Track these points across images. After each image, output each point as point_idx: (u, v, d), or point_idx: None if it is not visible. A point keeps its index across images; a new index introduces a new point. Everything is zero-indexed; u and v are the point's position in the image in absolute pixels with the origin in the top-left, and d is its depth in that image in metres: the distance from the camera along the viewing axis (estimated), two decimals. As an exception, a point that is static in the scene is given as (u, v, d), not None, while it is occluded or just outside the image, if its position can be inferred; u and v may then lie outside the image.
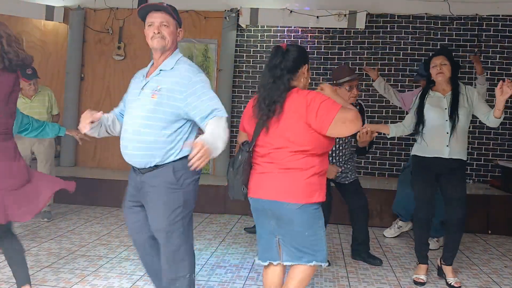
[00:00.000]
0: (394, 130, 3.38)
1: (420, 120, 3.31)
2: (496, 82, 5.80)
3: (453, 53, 3.66)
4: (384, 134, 3.40)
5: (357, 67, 6.07)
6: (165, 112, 2.21)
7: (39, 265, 3.45)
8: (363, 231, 3.79)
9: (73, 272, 3.34)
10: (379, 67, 5.77)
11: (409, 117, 3.43)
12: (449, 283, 3.30)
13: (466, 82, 5.40)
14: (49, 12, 6.32)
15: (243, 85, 6.36)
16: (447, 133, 3.21)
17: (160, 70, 2.28)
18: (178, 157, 2.25)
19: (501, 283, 3.40)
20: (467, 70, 5.78)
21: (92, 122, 2.22)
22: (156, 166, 2.25)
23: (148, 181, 2.27)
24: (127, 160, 2.32)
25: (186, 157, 2.17)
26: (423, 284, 3.32)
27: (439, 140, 3.24)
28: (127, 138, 2.28)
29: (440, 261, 3.45)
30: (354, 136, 3.20)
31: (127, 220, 2.46)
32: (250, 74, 6.37)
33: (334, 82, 3.52)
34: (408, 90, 5.42)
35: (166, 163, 2.25)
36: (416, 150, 3.39)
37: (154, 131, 2.21)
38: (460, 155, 3.24)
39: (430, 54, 5.89)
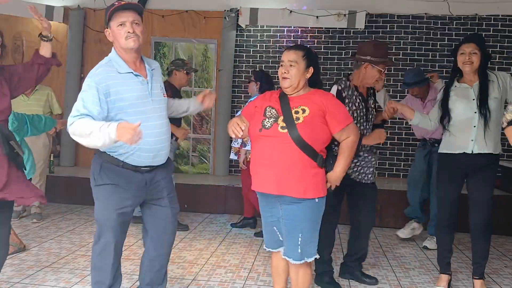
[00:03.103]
0: (419, 118, 3.15)
1: (445, 113, 3.05)
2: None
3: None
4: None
5: (357, 67, 6.07)
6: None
7: (39, 265, 3.46)
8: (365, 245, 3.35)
9: (73, 272, 3.34)
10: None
11: (434, 111, 3.16)
12: None
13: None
14: (49, 12, 6.32)
15: (243, 85, 6.36)
16: (474, 126, 2.93)
17: (152, 69, 2.34)
18: None
19: (501, 283, 3.40)
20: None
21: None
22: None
23: (159, 173, 2.39)
24: (151, 163, 2.34)
25: None
26: None
27: (464, 134, 2.97)
28: (154, 143, 2.29)
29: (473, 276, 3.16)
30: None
31: (120, 228, 2.48)
32: (250, 74, 6.35)
33: (370, 58, 2.94)
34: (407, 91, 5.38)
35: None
36: (442, 147, 3.12)
37: (168, 127, 2.39)
38: (490, 149, 2.94)
39: (430, 54, 5.98)
